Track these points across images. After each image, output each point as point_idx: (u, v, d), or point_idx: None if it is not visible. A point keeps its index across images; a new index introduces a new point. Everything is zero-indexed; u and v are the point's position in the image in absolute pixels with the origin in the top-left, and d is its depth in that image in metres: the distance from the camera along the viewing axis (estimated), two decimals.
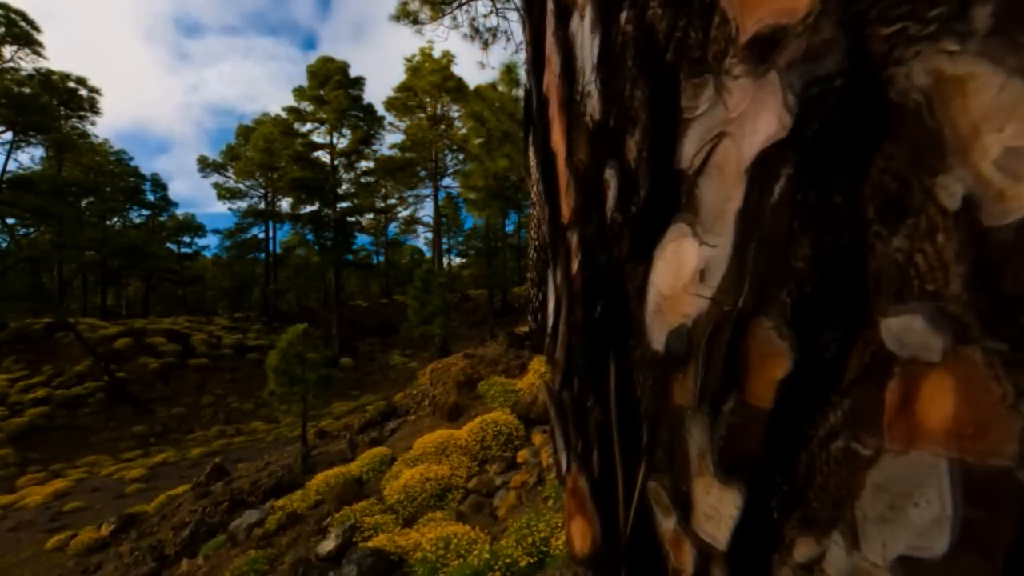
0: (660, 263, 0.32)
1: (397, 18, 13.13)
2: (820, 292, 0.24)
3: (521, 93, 13.04)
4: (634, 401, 0.35)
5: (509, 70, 12.27)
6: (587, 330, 0.36)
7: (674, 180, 0.31)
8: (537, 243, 10.89)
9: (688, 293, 0.30)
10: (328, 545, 5.46)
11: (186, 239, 40.40)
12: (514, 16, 14.82)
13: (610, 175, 0.34)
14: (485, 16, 13.44)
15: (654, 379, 0.33)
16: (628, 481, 0.34)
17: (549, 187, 0.41)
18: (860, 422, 0.23)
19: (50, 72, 24.44)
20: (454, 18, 13.39)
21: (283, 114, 30.34)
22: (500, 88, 12.83)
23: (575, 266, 0.38)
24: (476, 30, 13.60)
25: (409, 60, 30.03)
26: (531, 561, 4.56)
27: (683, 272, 0.30)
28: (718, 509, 0.29)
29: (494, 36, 13.66)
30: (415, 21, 13.29)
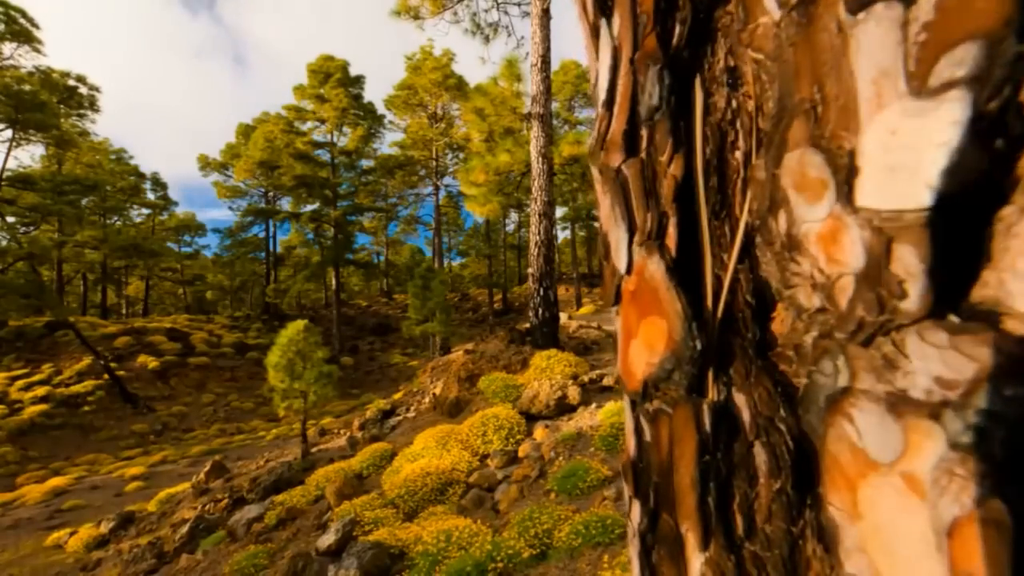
0: None
1: (398, 13, 13.07)
2: None
3: (522, 88, 12.98)
4: (724, 138, 0.26)
5: (510, 64, 12.23)
6: (664, 56, 0.29)
7: None
8: (539, 239, 10.80)
9: None
10: (328, 539, 5.40)
11: (186, 238, 40.48)
12: (515, 11, 14.77)
13: None
14: (486, 11, 13.37)
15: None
16: (717, 240, 0.26)
17: None
18: None
19: (50, 70, 24.44)
20: (455, 13, 13.34)
21: (284, 112, 30.33)
22: (501, 83, 12.79)
23: None
24: (477, 25, 13.55)
25: (410, 58, 30.03)
26: (533, 553, 4.49)
27: None
28: (915, 145, 0.19)
29: (495, 31, 13.60)
30: (416, 16, 13.23)
